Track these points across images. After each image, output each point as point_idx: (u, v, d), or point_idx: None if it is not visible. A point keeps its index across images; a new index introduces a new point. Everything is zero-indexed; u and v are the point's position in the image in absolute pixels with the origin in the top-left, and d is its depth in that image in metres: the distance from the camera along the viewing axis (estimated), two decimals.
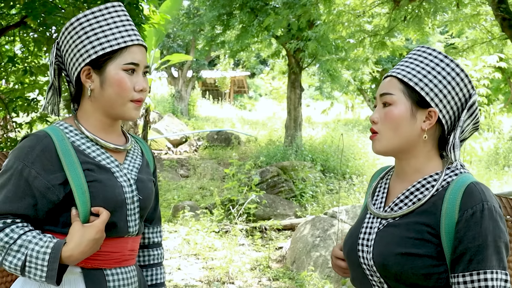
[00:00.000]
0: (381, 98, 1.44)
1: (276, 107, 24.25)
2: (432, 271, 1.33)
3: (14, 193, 1.37)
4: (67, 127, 1.49)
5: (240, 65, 27.38)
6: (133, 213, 1.52)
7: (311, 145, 12.59)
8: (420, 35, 6.79)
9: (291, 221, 7.34)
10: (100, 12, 1.47)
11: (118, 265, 1.49)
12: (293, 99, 12.58)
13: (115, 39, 1.45)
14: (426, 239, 1.34)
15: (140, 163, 1.61)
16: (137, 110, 1.51)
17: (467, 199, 1.31)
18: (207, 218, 6.95)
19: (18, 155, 1.40)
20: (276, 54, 13.03)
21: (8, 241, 1.33)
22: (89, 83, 1.48)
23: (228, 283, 5.11)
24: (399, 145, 1.42)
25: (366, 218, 1.50)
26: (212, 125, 17.66)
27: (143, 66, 1.50)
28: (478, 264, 1.28)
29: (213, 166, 11.28)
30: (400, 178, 1.49)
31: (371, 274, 1.41)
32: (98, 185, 1.42)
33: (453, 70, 1.40)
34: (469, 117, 1.43)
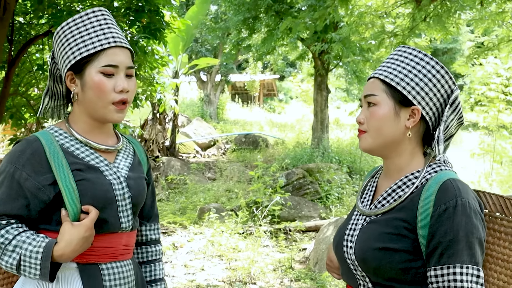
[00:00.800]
0: (366, 99, 1.50)
1: (305, 109, 24.23)
2: (409, 265, 1.37)
3: (7, 195, 1.44)
4: (57, 130, 1.55)
5: (268, 68, 27.45)
6: (125, 209, 1.57)
7: (338, 146, 12.57)
8: (444, 35, 6.72)
9: (315, 223, 7.35)
10: (81, 19, 1.53)
11: (113, 259, 1.55)
12: (320, 101, 12.57)
13: (92, 43, 1.50)
14: (402, 234, 1.38)
15: (131, 162, 1.66)
16: (119, 113, 1.54)
17: (441, 195, 1.34)
18: (232, 220, 7.04)
19: (10, 159, 1.47)
20: (302, 56, 13.06)
21: (4, 242, 1.40)
22: (73, 87, 1.54)
23: (250, 283, 5.17)
24: (384, 143, 1.47)
25: (353, 215, 1.56)
26: (241, 128, 17.78)
27: (124, 68, 1.53)
28: (448, 259, 1.31)
29: (240, 168, 11.38)
30: (387, 176, 1.54)
31: (354, 269, 1.47)
32: (86, 184, 1.48)
33: (433, 67, 1.44)
34: (453, 112, 1.46)
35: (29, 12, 5.27)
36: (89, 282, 1.49)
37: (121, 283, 1.55)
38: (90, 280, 1.49)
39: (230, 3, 11.65)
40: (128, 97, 1.55)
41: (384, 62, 1.53)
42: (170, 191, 9.83)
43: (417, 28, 6.24)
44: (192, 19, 11.92)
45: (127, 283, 1.57)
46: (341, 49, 9.65)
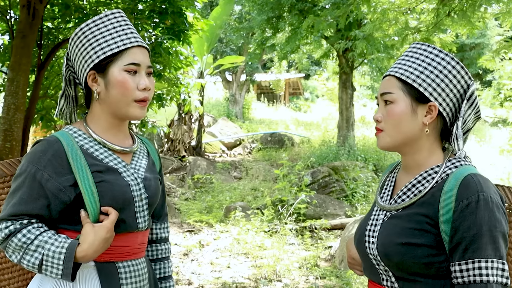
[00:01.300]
0: (382, 97, 1.50)
1: (331, 107, 24.14)
2: (433, 260, 1.38)
3: (28, 195, 1.46)
4: (76, 131, 1.58)
5: (293, 67, 27.42)
6: (142, 210, 1.60)
7: (364, 144, 12.51)
8: (469, 30, 6.63)
9: (341, 221, 7.35)
10: (100, 20, 1.57)
11: (129, 258, 1.59)
12: (345, 99, 12.53)
13: (115, 43, 1.54)
14: (425, 229, 1.39)
15: (146, 163, 1.69)
16: (141, 110, 1.58)
17: (463, 190, 1.35)
18: (258, 218, 7.09)
19: (31, 159, 1.49)
20: (326, 54, 13.03)
21: (26, 241, 1.43)
22: (95, 86, 1.56)
23: (276, 281, 5.21)
24: (402, 140, 1.48)
25: (374, 211, 1.57)
26: (266, 128, 17.82)
27: (145, 66, 1.58)
28: (473, 253, 1.31)
29: (265, 167, 11.42)
30: (405, 171, 1.55)
31: (377, 264, 1.48)
32: (106, 185, 1.51)
33: (449, 63, 1.44)
34: (470, 107, 1.47)
35: (57, 17, 5.42)
36: (107, 280, 1.53)
37: (136, 281, 1.59)
38: (107, 278, 1.53)
39: (254, 2, 11.70)
40: (149, 95, 1.59)
41: (399, 60, 1.54)
42: (196, 190, 9.93)
43: (441, 23, 6.17)
44: (216, 19, 12.02)
45: (141, 281, 1.61)
46: (365, 46, 9.60)
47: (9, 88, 4.68)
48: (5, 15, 5.33)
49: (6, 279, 1.65)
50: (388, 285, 1.47)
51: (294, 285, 5.09)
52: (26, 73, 4.74)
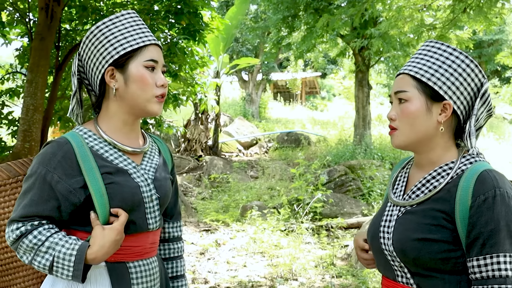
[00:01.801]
0: (396, 95, 1.50)
1: (347, 106, 24.04)
2: (449, 255, 1.38)
3: (39, 196, 1.47)
4: (86, 132, 1.58)
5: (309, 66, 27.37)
6: (153, 210, 1.61)
7: (381, 143, 12.45)
8: (486, 26, 6.55)
9: (357, 220, 7.33)
10: (117, 18, 1.59)
11: (140, 257, 1.59)
12: (361, 98, 12.48)
13: (134, 40, 1.56)
14: (441, 224, 1.39)
15: (157, 163, 1.69)
16: (159, 105, 1.60)
17: (479, 186, 1.35)
18: (274, 217, 7.10)
19: (42, 161, 1.49)
20: (342, 53, 12.99)
21: (37, 243, 1.44)
22: (113, 82, 1.57)
23: (292, 279, 5.22)
24: (417, 139, 1.48)
25: (387, 206, 1.57)
26: (283, 127, 17.82)
27: (161, 64, 1.61)
28: (491, 248, 1.32)
29: (282, 167, 11.43)
30: (419, 168, 1.55)
31: (392, 260, 1.48)
32: (115, 187, 1.51)
33: (463, 62, 1.44)
34: (483, 105, 1.47)
35: (74, 19, 5.49)
36: (117, 280, 1.53)
37: (147, 280, 1.60)
38: (118, 278, 1.54)
39: (269, 2, 11.71)
40: (166, 92, 1.61)
41: (412, 58, 1.54)
42: (213, 189, 9.98)
43: (457, 20, 6.11)
44: (232, 19, 12.05)
45: (152, 280, 1.62)
46: (381, 44, 9.55)
47: (28, 89, 4.76)
48: (24, 17, 5.42)
49: (20, 276, 1.69)
50: (404, 281, 1.47)
51: (310, 284, 5.10)
52: (45, 75, 4.82)
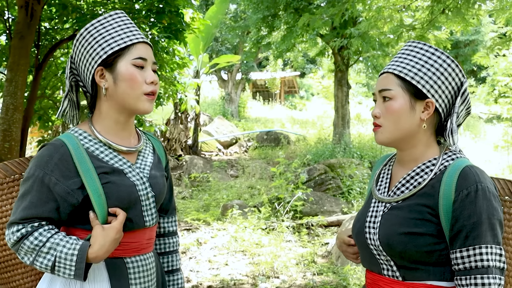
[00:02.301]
0: (380, 93, 1.55)
1: (326, 105, 24.21)
2: (434, 248, 1.45)
3: (38, 198, 1.50)
4: (81, 133, 1.61)
5: (289, 65, 27.48)
6: (149, 208, 1.65)
7: (360, 142, 12.58)
8: (464, 27, 6.69)
9: (337, 218, 7.41)
10: (105, 19, 1.61)
11: (137, 253, 1.63)
12: (340, 97, 12.59)
13: (121, 39, 1.58)
14: (426, 219, 1.45)
15: (151, 161, 1.72)
16: (150, 103, 1.62)
17: (462, 181, 1.42)
18: (255, 216, 7.14)
19: (39, 163, 1.52)
20: (322, 52, 13.08)
21: (38, 244, 1.47)
22: (103, 82, 1.59)
23: (273, 277, 5.26)
24: (401, 135, 1.53)
25: (372, 203, 1.62)
26: (262, 126, 17.87)
27: (151, 62, 1.61)
28: (474, 240, 1.39)
29: (262, 165, 11.48)
30: (401, 165, 1.60)
31: (378, 254, 1.53)
32: (112, 186, 1.54)
33: (444, 61, 1.51)
34: (462, 103, 1.54)
35: (54, 17, 5.45)
36: (115, 275, 1.58)
37: (144, 275, 1.64)
38: (116, 273, 1.58)
39: (249, 1, 11.73)
40: (156, 89, 1.63)
41: (395, 58, 1.59)
42: (193, 188, 9.98)
43: (436, 21, 6.23)
44: (212, 18, 12.05)
45: (149, 275, 1.66)
46: (361, 44, 9.66)
47: (8, 88, 4.71)
48: (3, 15, 5.35)
49: (19, 273, 1.72)
50: (389, 274, 1.52)
51: (292, 281, 5.15)
52: (25, 74, 4.77)
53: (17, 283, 1.73)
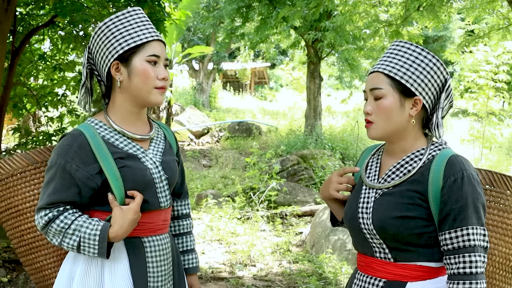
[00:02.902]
0: (371, 92, 1.66)
1: (296, 97, 24.37)
2: (423, 231, 1.58)
3: (61, 184, 1.64)
4: (97, 123, 1.74)
5: (260, 57, 27.52)
6: (163, 190, 1.78)
7: (331, 134, 12.77)
8: (436, 23, 6.89)
9: (310, 208, 7.55)
10: (123, 15, 1.72)
11: (154, 233, 1.77)
12: (313, 89, 12.74)
13: (137, 36, 1.69)
14: (417, 203, 1.58)
15: (163, 147, 1.85)
16: (161, 96, 1.74)
17: (449, 169, 1.56)
18: (230, 205, 7.22)
19: (60, 153, 1.66)
20: (295, 44, 13.18)
21: (64, 226, 1.61)
22: (118, 75, 1.71)
23: (250, 265, 5.36)
24: (392, 131, 1.66)
25: (362, 190, 1.73)
26: (233, 116, 17.90)
27: (163, 59, 1.74)
28: (461, 222, 1.53)
29: (234, 156, 11.54)
30: (391, 155, 1.73)
31: (371, 237, 1.65)
32: (127, 170, 1.68)
33: (430, 61, 1.62)
34: (446, 97, 1.67)
35: (31, 2, 5.36)
36: (134, 253, 1.72)
37: (160, 254, 1.77)
38: (134, 251, 1.72)
39: None
40: (167, 84, 1.75)
41: (384, 57, 1.70)
42: None
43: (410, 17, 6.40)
44: (186, 8, 11.96)
45: (165, 254, 1.79)
46: (334, 37, 9.80)
47: None
48: None
49: (42, 254, 1.88)
50: (382, 256, 1.64)
51: (269, 269, 5.25)
52: (2, 60, 4.69)
53: (41, 264, 1.89)
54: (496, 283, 1.71)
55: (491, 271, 1.70)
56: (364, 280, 1.68)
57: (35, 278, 1.94)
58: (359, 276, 1.72)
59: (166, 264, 1.79)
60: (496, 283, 1.71)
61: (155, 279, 1.74)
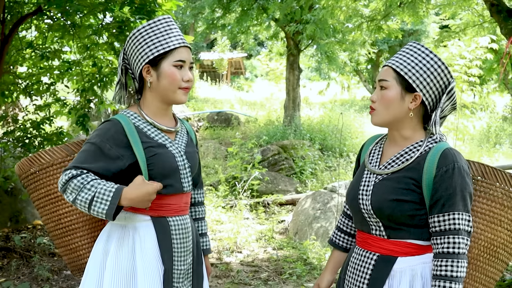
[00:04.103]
0: (379, 83, 1.87)
1: (273, 88, 24.51)
2: (415, 213, 1.79)
3: (91, 157, 1.86)
4: (132, 114, 1.98)
5: (237, 47, 27.54)
6: (186, 176, 2.02)
7: (309, 125, 12.97)
8: (414, 19, 7.13)
9: (292, 197, 7.75)
10: (154, 24, 1.95)
11: (177, 214, 2.00)
12: (292, 80, 12.91)
13: (166, 43, 1.92)
14: (411, 189, 1.79)
15: (186, 140, 2.09)
16: (185, 95, 1.98)
17: (442, 160, 1.76)
18: (213, 194, 7.36)
19: (99, 133, 1.90)
20: (274, 36, 13.31)
21: (83, 182, 1.79)
22: (149, 77, 1.95)
23: (237, 252, 5.53)
24: (390, 119, 1.86)
25: (364, 174, 1.94)
26: (212, 106, 17.95)
27: (188, 62, 1.97)
28: (448, 208, 1.74)
29: (215, 145, 11.65)
30: (392, 144, 1.93)
31: (368, 217, 1.87)
32: (157, 157, 1.91)
33: (436, 63, 1.81)
34: (448, 99, 1.85)
35: None
36: (161, 230, 1.94)
37: (183, 233, 2.00)
38: (160, 229, 1.94)
39: None
40: (191, 85, 1.99)
41: (397, 54, 1.89)
42: None
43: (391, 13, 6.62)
44: None
45: (187, 233, 2.03)
46: (315, 30, 9.96)
47: None
48: None
49: (77, 236, 2.10)
50: (377, 233, 1.87)
51: (255, 255, 5.43)
52: None
53: (76, 245, 2.08)
54: (481, 265, 1.90)
55: (477, 253, 1.89)
56: (361, 254, 1.91)
57: (68, 258, 2.14)
58: (357, 250, 1.95)
59: (187, 242, 2.02)
60: (480, 265, 1.90)
61: (178, 254, 1.97)
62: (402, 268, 1.80)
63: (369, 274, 1.85)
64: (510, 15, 4.47)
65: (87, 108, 5.69)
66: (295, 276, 4.73)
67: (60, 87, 6.08)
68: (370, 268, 1.85)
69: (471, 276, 1.89)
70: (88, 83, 5.58)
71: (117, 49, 5.51)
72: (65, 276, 4.52)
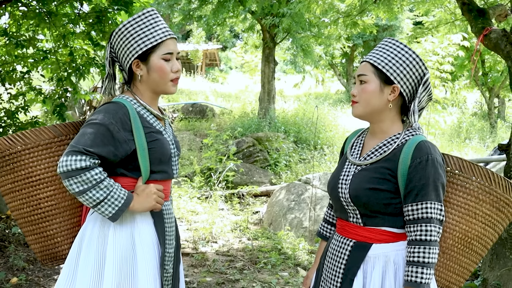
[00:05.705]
0: (359, 77, 1.96)
1: (248, 80, 24.54)
2: (390, 202, 1.89)
3: (101, 140, 1.84)
4: (131, 100, 2.01)
5: (213, 38, 27.44)
6: (175, 163, 2.12)
7: (284, 117, 13.07)
8: (389, 15, 7.27)
9: (266, 188, 7.84)
10: (139, 18, 1.99)
11: (167, 200, 2.10)
12: (267, 73, 12.98)
13: (153, 37, 1.96)
14: (387, 178, 1.88)
15: (171, 129, 2.17)
16: (175, 87, 2.05)
17: (417, 152, 1.85)
18: (188, 185, 7.40)
19: (107, 113, 1.88)
20: (250, 28, 13.34)
21: (97, 179, 1.82)
22: (139, 71, 2.00)
23: (212, 242, 5.59)
24: (371, 111, 1.95)
25: (345, 165, 2.04)
26: (186, 98, 17.92)
27: (176, 53, 2.02)
28: (422, 197, 1.83)
29: (190, 137, 11.67)
30: (372, 137, 2.03)
31: (346, 205, 1.96)
32: (158, 143, 1.98)
33: (411, 56, 1.92)
34: (424, 90, 1.95)
35: None
36: (155, 214, 2.03)
37: (171, 216, 2.13)
38: (156, 213, 2.03)
39: None
40: (179, 75, 2.05)
41: (374, 50, 1.99)
42: None
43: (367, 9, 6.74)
44: None
45: (173, 217, 2.17)
46: (291, 23, 10.04)
47: None
48: None
49: (56, 222, 2.04)
50: (354, 221, 1.96)
51: (230, 245, 5.50)
52: None
53: (54, 231, 2.04)
54: (454, 255, 2.00)
55: (451, 244, 1.99)
56: (339, 240, 2.01)
57: (41, 246, 2.05)
58: (336, 236, 2.05)
59: (173, 226, 2.14)
60: (454, 255, 2.00)
61: (169, 236, 2.07)
62: (376, 254, 1.90)
63: (345, 259, 1.94)
64: (480, 14, 4.61)
65: (64, 97, 5.65)
66: (270, 266, 4.82)
67: (35, 76, 6.01)
68: (346, 254, 1.95)
69: (445, 265, 1.99)
70: (64, 72, 5.53)
71: (94, 38, 5.49)
72: (41, 266, 4.52)
